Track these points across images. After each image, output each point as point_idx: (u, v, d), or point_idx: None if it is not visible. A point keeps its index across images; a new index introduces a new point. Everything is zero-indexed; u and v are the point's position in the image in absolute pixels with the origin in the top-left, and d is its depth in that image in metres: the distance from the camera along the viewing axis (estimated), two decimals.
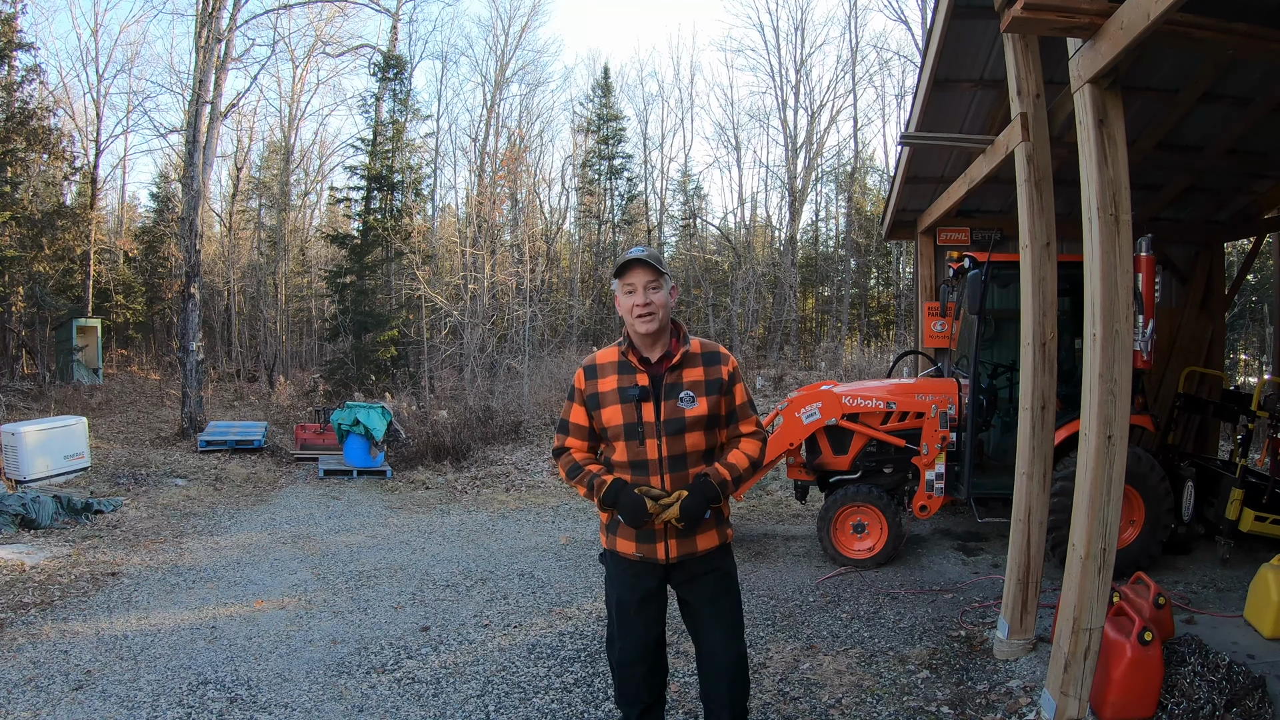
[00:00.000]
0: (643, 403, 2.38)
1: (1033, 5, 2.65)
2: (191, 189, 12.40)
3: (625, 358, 2.44)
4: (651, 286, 2.36)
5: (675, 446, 2.39)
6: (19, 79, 15.07)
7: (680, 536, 2.41)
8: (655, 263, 2.37)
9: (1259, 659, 3.37)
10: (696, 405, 2.39)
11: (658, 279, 2.37)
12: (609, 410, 2.42)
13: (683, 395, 2.39)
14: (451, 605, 4.73)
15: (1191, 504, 5.16)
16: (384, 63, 18.91)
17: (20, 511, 6.35)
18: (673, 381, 2.40)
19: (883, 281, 26.31)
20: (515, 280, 18.85)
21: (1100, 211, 2.73)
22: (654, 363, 2.43)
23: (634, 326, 2.39)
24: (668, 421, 2.38)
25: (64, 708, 3.33)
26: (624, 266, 2.39)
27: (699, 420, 2.39)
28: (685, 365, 2.42)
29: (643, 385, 2.39)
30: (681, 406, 2.38)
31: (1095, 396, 2.76)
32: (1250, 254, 7.75)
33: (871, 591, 4.84)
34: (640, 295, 2.36)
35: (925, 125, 5.78)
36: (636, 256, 2.38)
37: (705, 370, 2.43)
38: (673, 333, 2.47)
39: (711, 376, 2.43)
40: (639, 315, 2.36)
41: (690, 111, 43.71)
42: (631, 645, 2.54)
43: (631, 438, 2.40)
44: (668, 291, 2.40)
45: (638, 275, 2.36)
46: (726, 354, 2.50)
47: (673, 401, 2.38)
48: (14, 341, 16.15)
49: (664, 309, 2.38)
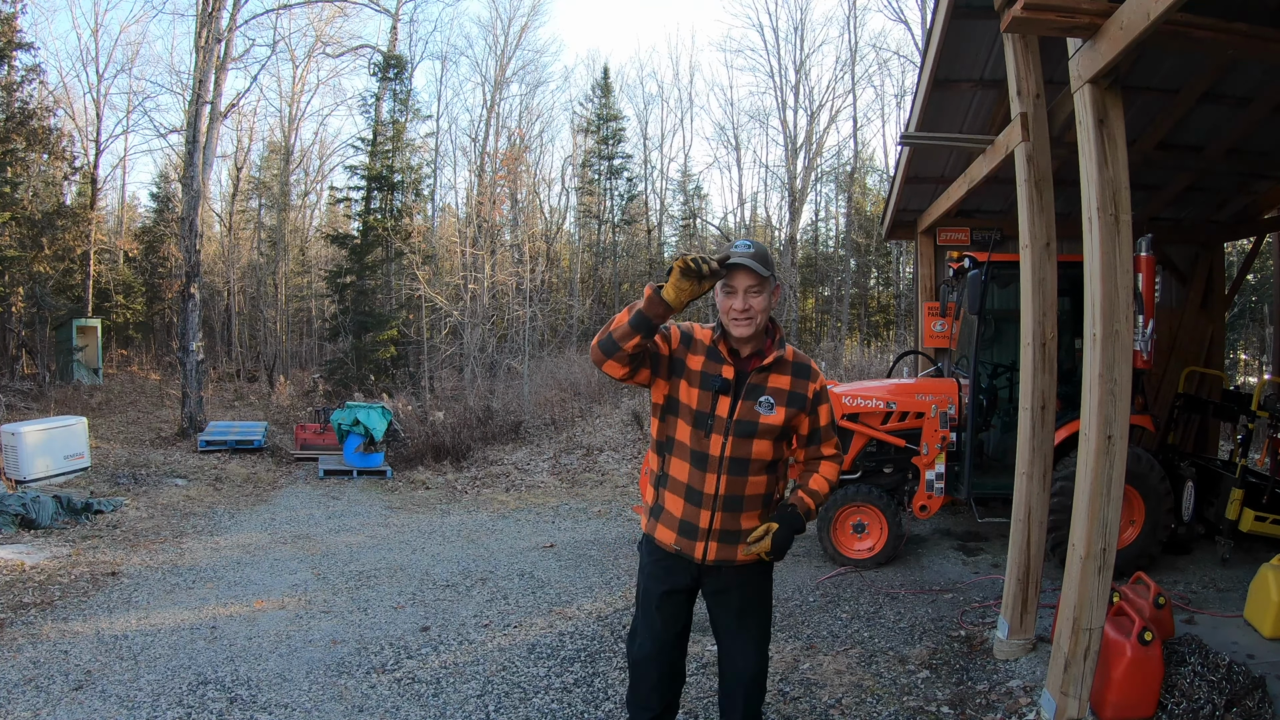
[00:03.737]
0: (721, 395, 2.26)
1: (1033, 5, 2.65)
2: (191, 189, 12.40)
3: (716, 345, 2.31)
4: (753, 291, 2.21)
5: (741, 449, 2.27)
6: (19, 79, 15.09)
7: (724, 541, 2.31)
8: (762, 265, 2.18)
9: (1259, 659, 3.37)
10: (774, 413, 2.27)
11: (761, 283, 2.21)
12: (687, 388, 2.30)
13: (762, 399, 2.28)
14: (451, 605, 4.73)
15: (1191, 504, 5.16)
16: (384, 63, 18.92)
17: (20, 511, 6.35)
18: (756, 383, 2.29)
19: (883, 281, 26.30)
20: (515, 280, 18.86)
21: (1100, 211, 2.73)
22: (743, 358, 2.32)
23: (729, 328, 2.28)
24: (740, 422, 2.26)
25: (64, 708, 3.33)
26: (729, 267, 2.19)
27: (772, 429, 2.28)
28: (774, 369, 2.31)
29: (726, 378, 2.27)
30: (759, 410, 2.27)
31: (1095, 396, 2.76)
32: (1250, 254, 7.75)
33: (871, 591, 4.84)
34: (740, 299, 2.21)
35: (925, 125, 5.78)
36: (743, 258, 2.17)
37: (792, 381, 2.32)
38: (768, 332, 2.34)
39: (797, 389, 2.32)
40: (735, 319, 2.24)
41: (690, 112, 43.73)
42: (649, 640, 2.46)
43: (700, 426, 2.28)
44: (769, 294, 2.25)
45: (741, 277, 2.20)
46: (817, 371, 2.38)
47: (751, 403, 2.27)
48: (14, 341, 16.15)
49: (763, 314, 2.25)
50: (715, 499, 2.29)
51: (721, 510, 2.29)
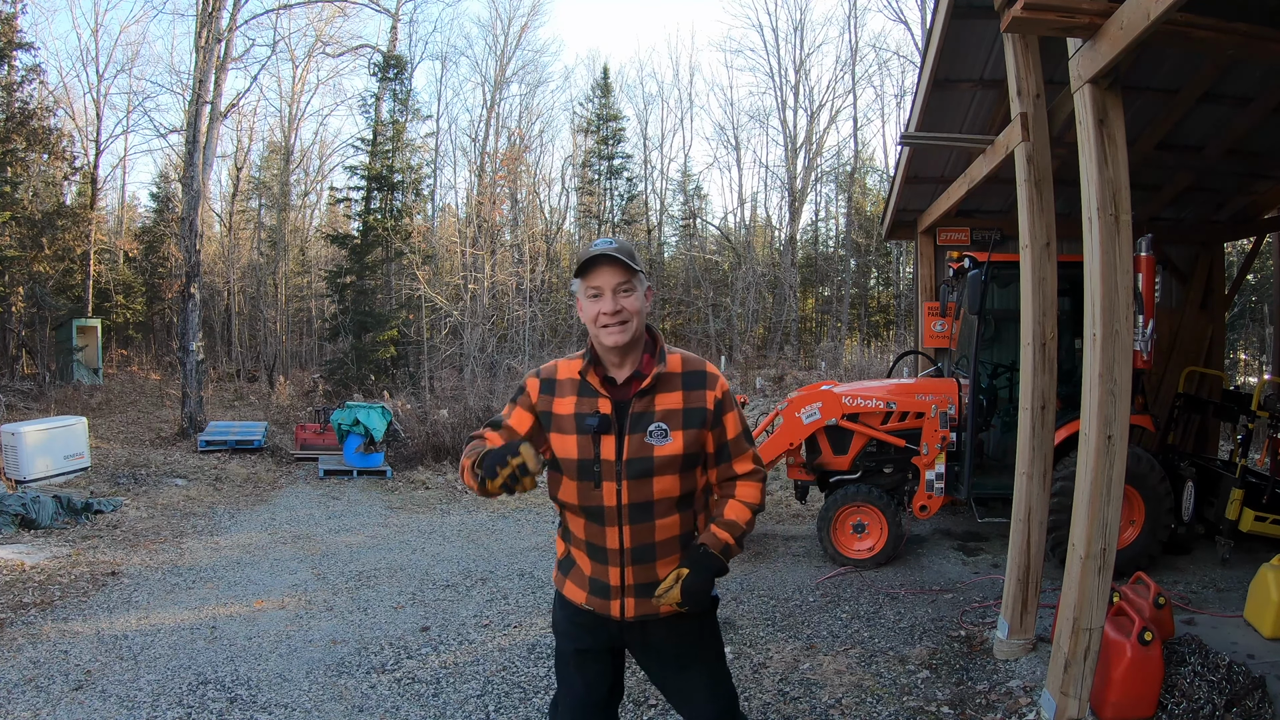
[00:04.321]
0: (602, 435, 1.89)
1: (1033, 5, 2.65)
2: (191, 189, 12.40)
3: (585, 378, 1.93)
4: (623, 289, 1.87)
5: (639, 492, 1.89)
6: (19, 79, 15.09)
7: (642, 596, 1.94)
8: (627, 259, 1.86)
9: (1259, 659, 3.37)
10: (669, 441, 1.88)
11: (630, 279, 1.87)
12: (563, 439, 1.94)
13: (653, 428, 1.89)
14: (451, 605, 4.73)
15: (1191, 504, 5.16)
16: (384, 63, 18.92)
17: (20, 511, 6.35)
18: (641, 410, 1.90)
19: (883, 281, 26.31)
20: (515, 280, 18.87)
21: (1100, 211, 2.73)
22: (620, 385, 1.94)
23: (599, 338, 1.90)
24: (631, 461, 1.88)
25: (64, 708, 3.33)
26: (588, 264, 1.88)
27: (671, 461, 1.89)
28: (659, 389, 1.92)
29: (603, 414, 1.89)
30: (650, 442, 1.88)
31: (1095, 396, 2.76)
32: (1250, 254, 7.75)
33: (871, 591, 4.84)
34: (609, 300, 1.86)
35: (925, 125, 5.78)
36: (603, 251, 1.86)
37: (685, 396, 1.92)
38: (646, 346, 1.98)
39: (693, 404, 1.92)
40: (605, 325, 1.87)
41: (690, 112, 43.77)
42: (571, 709, 2.09)
43: (585, 478, 1.91)
44: (642, 294, 1.92)
45: (605, 275, 1.87)
46: (714, 374, 1.97)
47: (640, 436, 1.88)
48: (14, 341, 16.15)
49: (638, 316, 1.89)
50: (621, 554, 1.93)
51: (631, 565, 1.93)
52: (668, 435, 1.90)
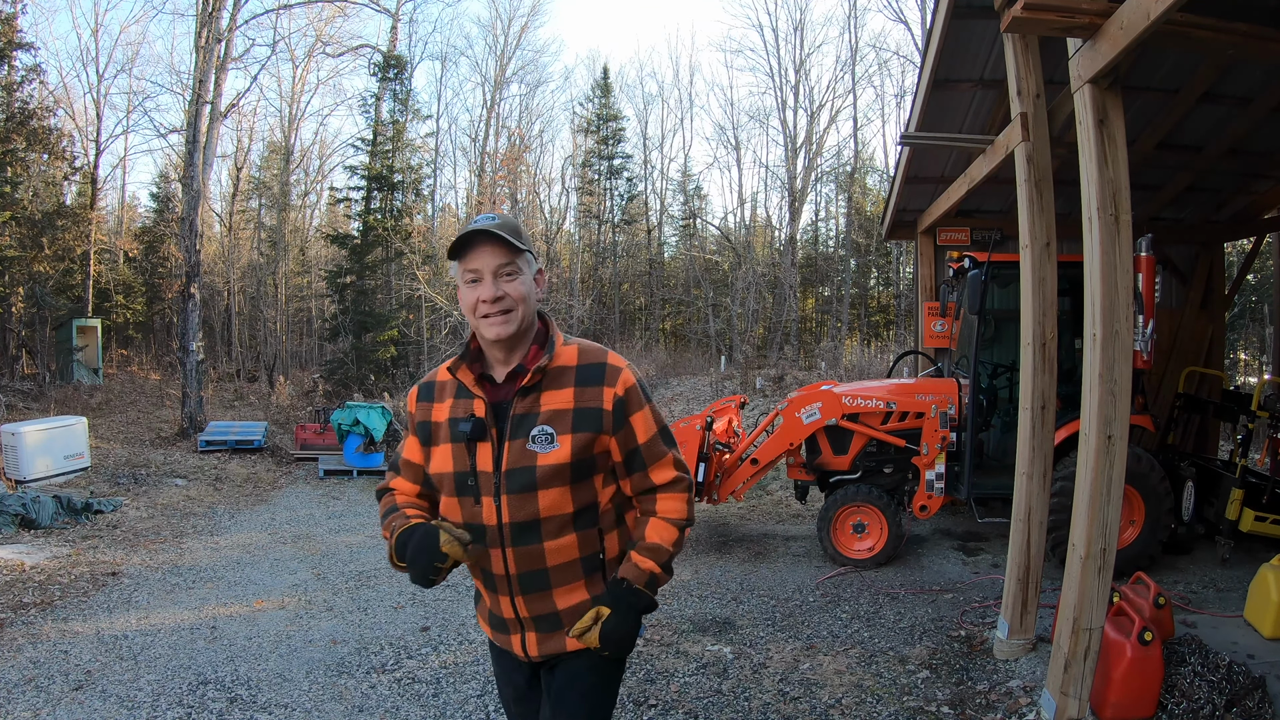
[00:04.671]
0: (477, 443, 1.62)
1: (1033, 5, 2.65)
2: (191, 189, 12.40)
3: (457, 375, 1.68)
4: (505, 272, 1.60)
5: (523, 509, 1.59)
6: (19, 79, 15.07)
7: (544, 630, 1.68)
8: (511, 236, 1.59)
9: (1259, 659, 3.37)
10: (555, 448, 1.58)
11: (513, 260, 1.60)
12: (439, 451, 1.68)
13: (537, 432, 1.59)
14: (451, 605, 4.73)
15: (1191, 504, 5.16)
16: (384, 63, 18.92)
17: (20, 511, 6.35)
18: (524, 410, 1.61)
19: (883, 281, 26.30)
20: None
21: (1100, 211, 2.73)
22: (501, 383, 1.66)
23: (480, 330, 1.63)
24: (511, 472, 1.59)
25: (64, 708, 3.33)
26: (463, 243, 1.60)
27: (557, 471, 1.58)
28: (546, 385, 1.62)
29: (478, 416, 1.62)
30: (532, 449, 1.58)
31: (1095, 396, 2.76)
32: (1250, 254, 7.75)
33: (871, 591, 4.84)
34: (488, 286, 1.59)
35: (925, 125, 5.78)
36: (482, 228, 1.58)
37: (577, 393, 1.62)
38: (537, 336, 1.69)
39: (586, 403, 1.61)
40: (486, 315, 1.60)
41: (690, 112, 43.74)
42: None
43: (463, 493, 1.64)
44: (530, 277, 1.65)
45: (484, 256, 1.59)
46: (616, 366, 1.66)
47: (520, 442, 1.59)
48: (14, 341, 16.15)
49: (524, 304, 1.61)
50: (508, 581, 1.65)
51: (521, 594, 1.65)
52: (553, 440, 1.59)
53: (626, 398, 1.64)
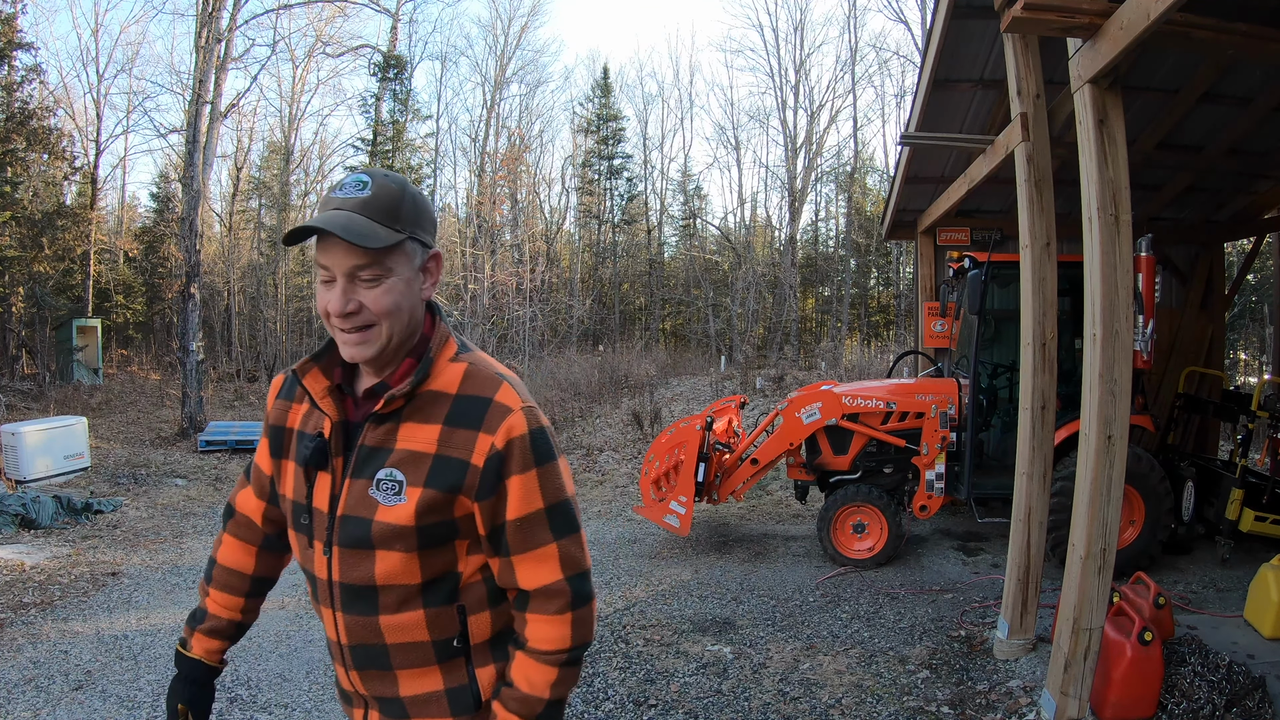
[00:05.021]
0: (318, 471, 1.23)
1: (1033, 5, 2.65)
2: (191, 189, 12.40)
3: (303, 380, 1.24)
4: (364, 276, 1.14)
5: (355, 568, 1.18)
6: (19, 79, 15.09)
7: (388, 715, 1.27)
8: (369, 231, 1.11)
9: (1259, 659, 3.37)
10: (401, 502, 1.15)
11: (378, 261, 1.13)
12: (288, 468, 1.30)
13: (383, 476, 1.17)
14: None
15: (1191, 504, 5.17)
16: (384, 63, 18.96)
17: (20, 511, 6.36)
18: (376, 442, 1.19)
19: (883, 281, 26.31)
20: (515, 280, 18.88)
21: (1100, 211, 2.73)
22: (362, 397, 1.26)
23: (338, 344, 1.21)
24: (347, 519, 1.18)
25: (64, 708, 3.33)
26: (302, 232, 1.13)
27: (398, 533, 1.15)
28: (410, 415, 1.19)
29: (324, 438, 1.22)
30: (374, 496, 1.17)
31: (1095, 396, 2.76)
32: (1250, 254, 7.76)
33: (871, 591, 4.84)
34: (338, 294, 1.14)
35: (925, 125, 5.78)
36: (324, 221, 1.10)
37: (444, 434, 1.17)
38: (416, 347, 1.24)
39: (451, 451, 1.16)
40: (340, 330, 1.17)
41: (690, 112, 43.74)
42: None
43: (299, 530, 1.27)
44: (409, 276, 1.18)
45: (334, 252, 1.12)
46: (506, 405, 1.18)
47: (363, 483, 1.18)
48: (14, 341, 16.16)
49: (392, 319, 1.16)
50: (341, 651, 1.25)
51: (356, 669, 1.25)
52: (400, 492, 1.16)
53: (507, 452, 1.16)
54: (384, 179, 1.17)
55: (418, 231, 1.19)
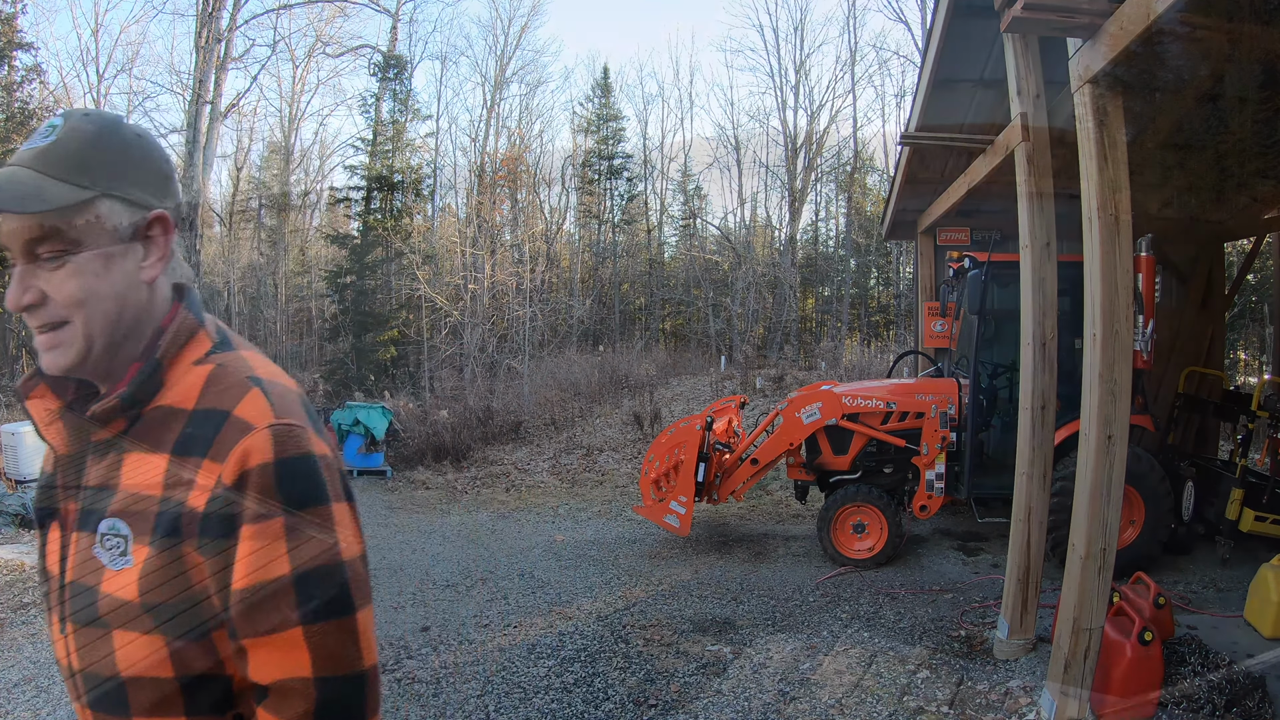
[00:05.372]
0: (48, 520, 0.95)
1: (1033, 5, 2.66)
2: (191, 189, 12.40)
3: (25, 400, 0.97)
4: (42, 256, 0.86)
5: (91, 654, 0.88)
6: (19, 79, 15.10)
7: None
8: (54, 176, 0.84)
9: (1259, 659, 3.37)
10: (127, 565, 0.86)
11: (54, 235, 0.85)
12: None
13: (104, 529, 0.88)
14: (451, 605, 4.73)
15: (1191, 504, 5.16)
16: (384, 63, 18.94)
17: (20, 511, 6.36)
18: (98, 481, 0.90)
19: (883, 281, 26.30)
20: (515, 280, 18.88)
21: (1100, 211, 2.73)
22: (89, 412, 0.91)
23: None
24: (75, 587, 0.90)
25: (64, 708, 3.33)
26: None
27: (127, 610, 0.85)
28: (140, 435, 0.90)
29: (50, 474, 0.97)
30: (99, 555, 0.87)
31: (1095, 396, 2.76)
32: (1250, 254, 7.75)
33: (871, 591, 4.84)
34: (13, 280, 0.88)
35: (925, 125, 5.78)
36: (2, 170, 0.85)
37: (172, 465, 0.87)
38: (145, 350, 0.92)
39: (175, 489, 0.86)
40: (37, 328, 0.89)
41: (690, 112, 43.80)
42: None
43: (46, 600, 0.97)
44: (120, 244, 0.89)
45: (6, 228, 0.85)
46: (246, 421, 0.87)
47: (89, 536, 0.89)
48: (14, 341, 16.17)
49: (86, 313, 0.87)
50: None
51: None
52: (126, 551, 0.86)
53: (238, 489, 0.83)
54: (81, 119, 0.87)
55: (120, 186, 0.87)
